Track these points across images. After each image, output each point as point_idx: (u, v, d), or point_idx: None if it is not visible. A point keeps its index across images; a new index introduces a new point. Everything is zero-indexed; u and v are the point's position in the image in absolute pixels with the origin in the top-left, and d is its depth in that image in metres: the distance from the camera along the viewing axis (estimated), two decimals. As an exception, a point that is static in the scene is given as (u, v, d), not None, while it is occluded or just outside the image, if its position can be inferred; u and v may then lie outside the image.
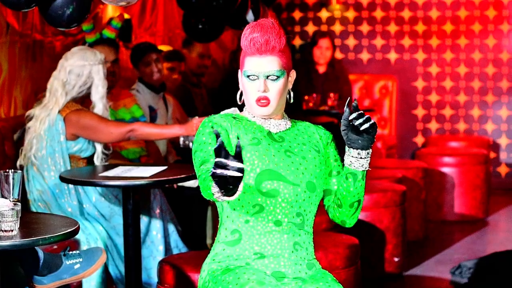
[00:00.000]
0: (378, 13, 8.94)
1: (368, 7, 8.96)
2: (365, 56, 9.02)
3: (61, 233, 3.17)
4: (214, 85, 7.61)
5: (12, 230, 3.09)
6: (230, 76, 7.36)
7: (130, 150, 5.60)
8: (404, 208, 5.69)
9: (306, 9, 9.16)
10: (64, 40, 5.75)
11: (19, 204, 3.17)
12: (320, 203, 3.01)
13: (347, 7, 9.02)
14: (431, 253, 6.33)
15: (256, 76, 2.90)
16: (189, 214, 5.58)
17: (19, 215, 3.13)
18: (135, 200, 4.38)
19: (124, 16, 6.02)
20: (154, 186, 4.98)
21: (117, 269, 4.92)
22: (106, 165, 4.80)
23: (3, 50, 5.16)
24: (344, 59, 8.97)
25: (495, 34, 8.67)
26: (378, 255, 5.61)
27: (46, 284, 3.81)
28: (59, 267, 3.84)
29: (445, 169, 7.43)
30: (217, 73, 7.93)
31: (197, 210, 5.64)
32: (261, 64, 2.89)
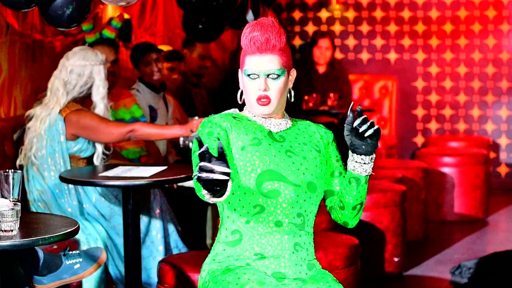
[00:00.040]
0: (378, 13, 8.94)
1: (368, 7, 8.96)
2: (365, 56, 9.02)
3: (61, 233, 3.17)
4: (214, 85, 7.60)
5: (12, 230, 3.09)
6: (230, 76, 7.35)
7: (130, 150, 5.60)
8: (404, 208, 5.68)
9: (306, 9, 9.15)
10: (64, 40, 5.75)
11: (19, 204, 3.16)
12: (321, 203, 3.01)
13: (347, 7, 9.01)
14: (431, 253, 6.32)
15: (257, 75, 2.89)
16: (189, 214, 5.58)
17: (19, 215, 3.12)
18: (135, 200, 4.37)
19: (124, 16, 6.02)
20: (154, 186, 4.98)
21: (117, 269, 4.92)
22: (106, 165, 4.79)
23: (3, 50, 5.16)
24: (344, 59, 8.97)
25: (495, 34, 8.67)
26: (378, 255, 5.61)
27: (46, 284, 3.81)
28: (59, 267, 3.84)
29: (445, 169, 7.42)
30: (217, 73, 7.92)
31: (197, 210, 5.64)
32: (261, 63, 2.88)
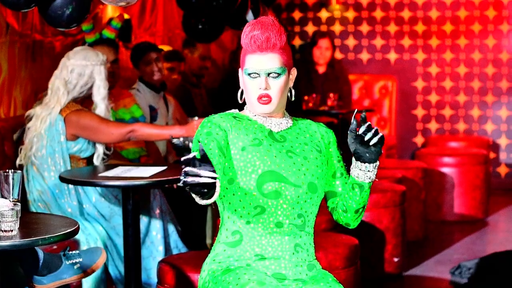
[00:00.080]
0: (378, 13, 8.94)
1: (368, 7, 8.96)
2: (364, 56, 9.02)
3: (61, 233, 3.17)
4: (213, 85, 7.60)
5: (12, 230, 3.09)
6: (229, 76, 7.35)
7: (130, 150, 5.60)
8: (404, 208, 5.68)
9: (305, 9, 9.15)
10: (64, 40, 5.75)
11: (19, 204, 3.16)
12: (322, 203, 3.00)
13: (347, 7, 9.01)
14: (430, 253, 6.32)
15: (257, 74, 2.88)
16: (189, 214, 5.58)
17: (19, 215, 3.12)
18: (135, 200, 4.37)
19: (124, 16, 6.02)
20: (154, 186, 4.97)
21: (116, 269, 4.92)
22: (106, 165, 4.79)
23: (3, 50, 5.16)
24: (344, 59, 8.97)
25: (495, 34, 8.67)
26: (378, 255, 5.61)
27: (46, 284, 3.81)
28: (59, 267, 3.84)
29: (445, 169, 7.42)
30: (217, 73, 7.92)
31: (196, 210, 5.64)
32: (262, 62, 2.87)
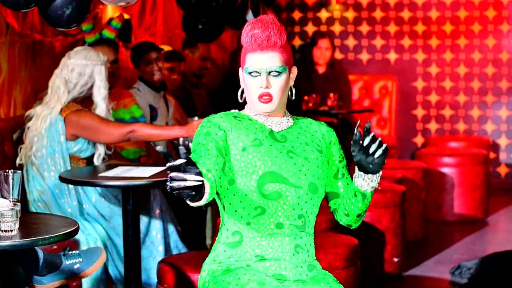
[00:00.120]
0: (378, 14, 8.94)
1: (368, 8, 8.96)
2: (364, 56, 9.02)
3: (61, 233, 3.17)
4: (213, 86, 7.60)
5: (11, 230, 3.09)
6: (229, 76, 7.35)
7: (130, 150, 5.60)
8: (404, 209, 5.68)
9: (305, 9, 9.15)
10: (64, 40, 5.75)
11: (19, 204, 3.16)
12: (322, 204, 3.00)
13: (347, 8, 9.01)
14: (430, 253, 6.32)
15: (258, 73, 2.88)
16: (189, 214, 5.57)
17: (19, 215, 3.12)
18: (135, 200, 4.37)
19: (124, 16, 6.02)
20: (154, 186, 4.97)
21: (116, 269, 4.92)
22: (106, 165, 4.79)
23: (3, 50, 5.16)
24: (343, 60, 8.97)
25: (494, 34, 8.67)
26: (378, 256, 5.61)
27: (46, 284, 3.81)
28: (58, 267, 3.84)
29: (445, 169, 7.42)
30: (217, 73, 7.92)
31: (196, 211, 5.64)
32: (262, 60, 2.87)
